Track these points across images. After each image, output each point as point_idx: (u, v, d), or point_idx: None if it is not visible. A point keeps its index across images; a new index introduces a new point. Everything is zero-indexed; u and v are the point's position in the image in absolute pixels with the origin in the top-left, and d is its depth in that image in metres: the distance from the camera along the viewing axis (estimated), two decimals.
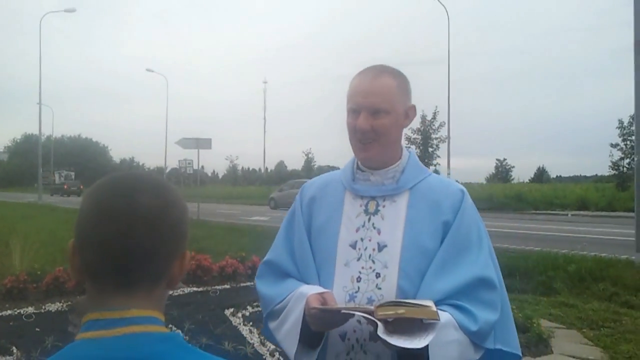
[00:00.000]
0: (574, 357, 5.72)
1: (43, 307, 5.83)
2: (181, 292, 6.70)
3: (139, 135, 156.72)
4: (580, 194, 36.27)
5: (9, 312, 5.73)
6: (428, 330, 1.59)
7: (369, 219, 1.92)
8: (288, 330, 1.86)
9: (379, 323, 1.59)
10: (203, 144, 22.87)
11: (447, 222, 1.85)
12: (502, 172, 78.55)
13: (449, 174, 36.59)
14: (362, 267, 1.87)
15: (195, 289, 7.05)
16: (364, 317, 1.66)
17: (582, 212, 31.41)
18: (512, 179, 71.64)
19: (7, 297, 6.54)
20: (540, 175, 73.01)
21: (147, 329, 1.02)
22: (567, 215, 30.05)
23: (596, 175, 65.87)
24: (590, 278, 9.40)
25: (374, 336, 1.63)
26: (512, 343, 1.90)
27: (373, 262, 1.86)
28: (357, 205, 1.96)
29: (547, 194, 37.32)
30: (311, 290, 1.83)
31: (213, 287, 7.09)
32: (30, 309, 5.80)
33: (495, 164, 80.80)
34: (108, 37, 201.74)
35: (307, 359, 1.84)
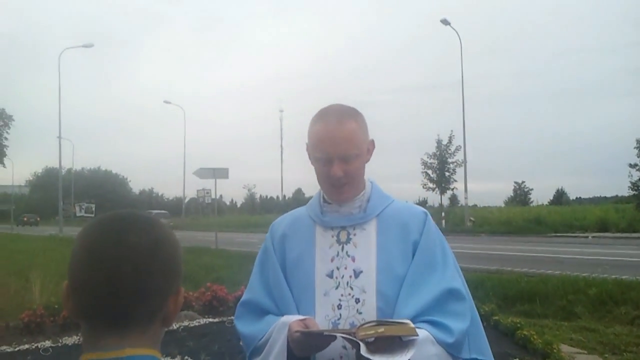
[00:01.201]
0: None
1: (60, 341, 5.88)
2: (197, 323, 6.72)
3: (157, 165, 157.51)
4: (600, 215, 35.73)
5: (27, 346, 5.79)
6: (408, 346, 1.65)
7: (342, 248, 2.00)
8: None
9: (360, 343, 1.63)
10: (220, 173, 22.90)
11: (416, 241, 1.97)
12: (520, 195, 77.81)
13: (466, 197, 36.45)
14: (342, 295, 1.94)
15: (211, 319, 7.07)
16: (345, 338, 1.71)
17: (602, 234, 30.91)
18: (531, 202, 70.86)
19: (25, 331, 6.63)
20: (560, 197, 72.22)
21: None
22: (587, 237, 29.58)
23: (616, 195, 65.20)
24: (612, 302, 9.25)
25: (359, 358, 1.66)
26: (486, 351, 2.01)
27: (351, 288, 1.93)
28: (329, 237, 2.03)
29: (566, 216, 36.85)
30: (292, 318, 1.88)
31: (229, 318, 7.08)
32: (48, 343, 5.86)
33: (513, 187, 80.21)
34: (125, 70, 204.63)
35: None
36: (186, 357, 5.47)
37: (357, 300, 1.91)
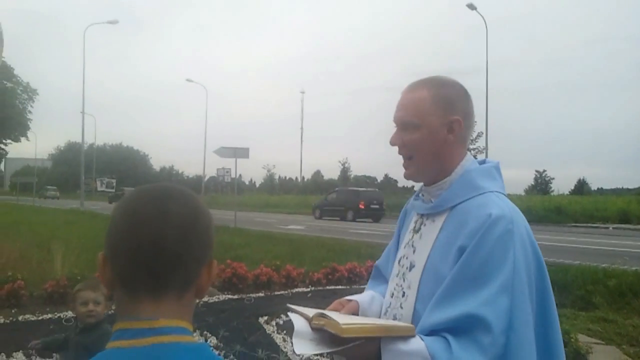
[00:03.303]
0: None
1: None
2: (217, 299, 6.78)
3: (178, 144, 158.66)
4: (621, 206, 35.33)
5: (50, 315, 5.88)
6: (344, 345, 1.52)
7: (412, 237, 1.90)
8: None
9: (296, 327, 1.62)
10: (241, 153, 22.95)
11: (463, 247, 1.64)
12: (541, 184, 77.04)
13: None
14: (397, 284, 1.87)
15: (230, 296, 7.12)
16: (294, 319, 1.69)
17: (623, 226, 30.67)
18: (552, 191, 70.07)
19: (48, 301, 6.74)
20: (581, 187, 71.32)
21: (175, 339, 1.05)
22: (608, 228, 29.37)
23: (639, 187, 64.30)
24: (631, 293, 9.14)
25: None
26: None
27: (403, 280, 1.84)
28: (412, 222, 1.95)
29: (587, 207, 36.44)
30: (355, 296, 1.95)
31: (248, 295, 7.15)
32: (70, 313, 5.93)
33: (534, 176, 79.42)
34: (149, 47, 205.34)
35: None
36: (205, 332, 5.55)
37: (403, 294, 1.82)
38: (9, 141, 58.61)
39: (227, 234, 18.02)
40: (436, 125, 1.76)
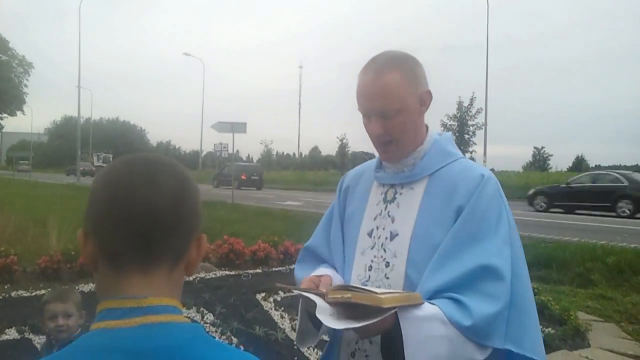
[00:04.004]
0: (611, 351, 5.58)
1: (76, 287, 5.86)
2: (213, 275, 6.70)
3: (175, 118, 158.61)
4: None
5: (43, 291, 5.79)
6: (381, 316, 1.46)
7: (386, 207, 1.88)
8: (299, 312, 1.88)
9: (318, 303, 1.55)
10: (238, 127, 22.86)
11: (461, 207, 1.71)
12: (539, 161, 77.32)
13: (484, 161, 36.15)
14: (374, 256, 1.84)
15: (227, 272, 7.06)
16: (309, 297, 1.61)
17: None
18: (550, 168, 70.39)
19: (42, 276, 6.67)
20: (579, 164, 71.66)
21: (166, 319, 0.97)
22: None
23: (637, 165, 64.50)
24: (630, 270, 9.17)
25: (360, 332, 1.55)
26: (527, 345, 1.67)
27: (384, 250, 1.82)
28: (379, 193, 1.92)
29: None
30: (317, 272, 1.87)
31: (245, 271, 7.09)
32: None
33: (532, 152, 79.61)
34: (146, 21, 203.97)
35: (311, 339, 1.89)
36: (201, 309, 5.48)
37: (387, 264, 1.80)
38: (4, 115, 58.34)
39: (225, 210, 18.00)
40: (413, 103, 1.78)
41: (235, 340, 5.01)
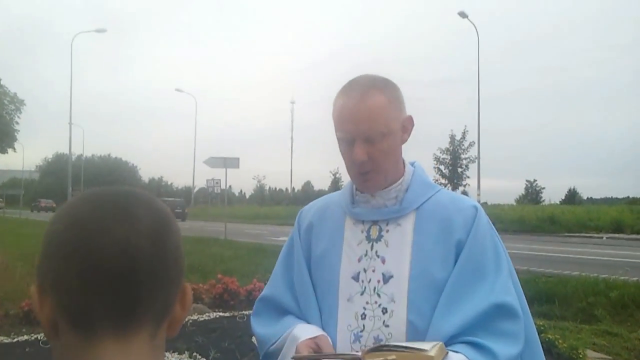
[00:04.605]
0: None
1: None
2: (207, 317, 6.50)
3: (167, 154, 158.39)
4: (614, 216, 35.37)
5: (26, 337, 5.60)
6: None
7: (372, 247, 1.70)
8: None
9: None
10: (231, 163, 22.85)
11: (461, 241, 1.63)
12: (532, 194, 77.42)
13: (478, 194, 36.13)
14: (367, 302, 1.66)
15: (221, 313, 6.88)
16: None
17: (617, 235, 30.64)
18: (543, 201, 70.55)
19: (25, 320, 6.40)
20: (572, 196, 71.78)
21: None
22: (601, 238, 29.30)
23: (628, 197, 64.79)
24: (634, 305, 8.98)
25: None
26: None
27: (378, 295, 1.65)
28: (358, 232, 1.74)
29: (580, 216, 36.47)
30: (304, 333, 1.64)
31: (240, 312, 6.88)
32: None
33: (525, 185, 79.80)
34: (138, 57, 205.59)
35: None
36: (194, 354, 5.26)
37: (385, 311, 1.63)
38: None
39: (218, 246, 17.80)
40: (397, 128, 1.67)
41: None
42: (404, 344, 1.46)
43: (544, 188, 78.20)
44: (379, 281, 1.65)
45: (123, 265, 0.76)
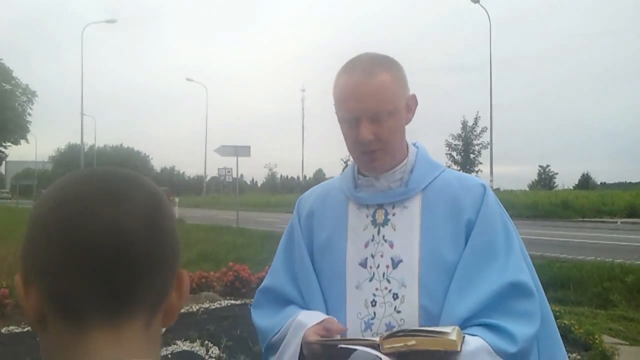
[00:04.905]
0: None
1: None
2: (218, 305, 6.47)
3: (179, 144, 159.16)
4: (629, 200, 34.98)
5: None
6: None
7: (378, 231, 1.66)
8: None
9: (384, 358, 1.37)
10: (242, 151, 22.87)
11: (470, 221, 1.60)
12: (545, 179, 76.97)
13: (491, 180, 35.95)
14: (377, 289, 1.61)
15: (233, 301, 6.85)
16: (367, 352, 1.41)
17: (631, 220, 30.35)
18: (556, 186, 70.14)
19: None
20: (585, 181, 71.26)
21: None
22: (616, 222, 29.07)
23: None
24: None
25: None
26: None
27: (388, 281, 1.60)
28: (363, 216, 1.69)
29: (594, 201, 36.14)
30: (310, 319, 1.59)
31: (252, 300, 6.80)
32: None
33: (538, 171, 79.34)
34: (149, 47, 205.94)
35: None
36: (206, 342, 5.24)
37: (395, 296, 1.58)
38: (8, 144, 58.58)
39: (230, 235, 17.80)
40: (402, 107, 1.63)
41: None
42: (422, 328, 1.42)
43: (557, 173, 77.72)
44: (387, 266, 1.61)
45: (113, 249, 0.70)
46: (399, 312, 1.57)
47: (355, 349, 1.45)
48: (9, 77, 54.28)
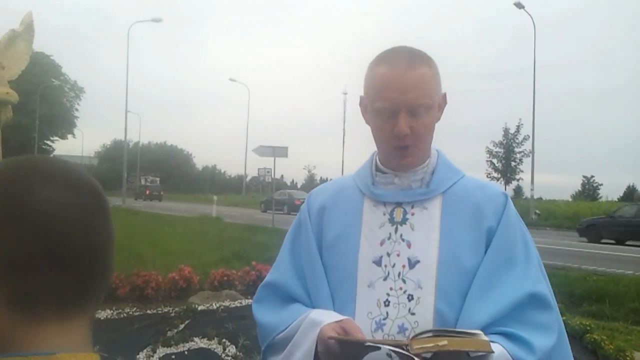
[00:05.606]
0: None
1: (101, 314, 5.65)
2: (238, 304, 6.38)
3: (221, 143, 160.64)
4: None
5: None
6: None
7: (396, 230, 1.61)
8: None
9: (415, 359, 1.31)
10: (279, 152, 23.08)
11: (492, 229, 1.57)
12: (589, 190, 75.56)
13: (532, 189, 35.35)
14: (391, 288, 1.56)
15: None
16: (395, 351, 1.37)
17: None
18: (600, 197, 68.70)
19: None
20: (631, 193, 69.47)
21: None
22: None
23: None
24: None
25: None
26: None
27: (404, 281, 1.55)
28: (380, 214, 1.63)
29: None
30: (325, 317, 1.52)
31: None
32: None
33: (581, 181, 77.82)
34: (193, 46, 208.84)
35: None
36: (223, 340, 5.23)
37: (410, 298, 1.53)
38: (56, 138, 60.08)
39: (264, 234, 17.83)
40: (436, 103, 1.61)
41: None
42: (450, 329, 1.41)
43: (601, 184, 76.23)
44: (404, 266, 1.56)
45: (71, 238, 0.74)
46: (413, 314, 1.52)
47: (381, 347, 1.42)
48: (58, 73, 55.69)
